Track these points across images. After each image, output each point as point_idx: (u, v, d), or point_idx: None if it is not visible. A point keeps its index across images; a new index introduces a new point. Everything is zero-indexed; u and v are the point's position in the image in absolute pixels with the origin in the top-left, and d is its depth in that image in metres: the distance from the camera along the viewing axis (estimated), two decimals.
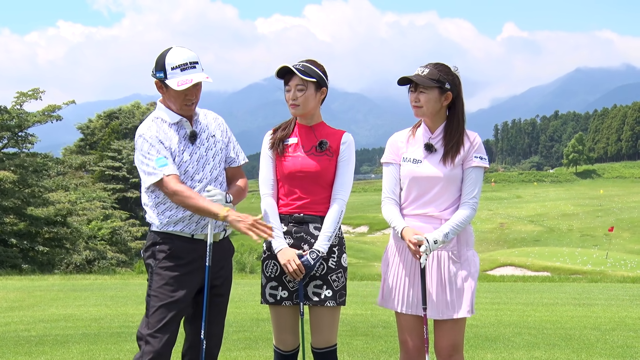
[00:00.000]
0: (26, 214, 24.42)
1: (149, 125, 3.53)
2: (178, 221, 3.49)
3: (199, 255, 3.49)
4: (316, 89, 3.63)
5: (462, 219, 3.46)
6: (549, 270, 33.89)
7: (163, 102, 3.58)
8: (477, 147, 3.54)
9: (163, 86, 3.47)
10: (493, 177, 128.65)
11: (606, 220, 66.90)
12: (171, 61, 3.40)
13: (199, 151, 3.54)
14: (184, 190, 3.41)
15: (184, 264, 3.46)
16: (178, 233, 3.49)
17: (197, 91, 3.48)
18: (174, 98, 3.47)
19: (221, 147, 3.64)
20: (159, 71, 3.44)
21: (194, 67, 3.42)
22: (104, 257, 27.76)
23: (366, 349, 6.07)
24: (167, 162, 3.45)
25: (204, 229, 3.50)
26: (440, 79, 3.48)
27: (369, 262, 41.30)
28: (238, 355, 5.85)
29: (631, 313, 8.78)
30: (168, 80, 3.40)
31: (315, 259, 3.52)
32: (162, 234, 3.51)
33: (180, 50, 3.45)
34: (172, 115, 3.53)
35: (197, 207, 3.39)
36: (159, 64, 3.44)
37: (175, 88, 3.38)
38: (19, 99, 25.58)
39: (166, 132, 3.52)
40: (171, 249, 3.47)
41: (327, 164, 3.64)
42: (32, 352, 6.00)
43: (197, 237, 3.51)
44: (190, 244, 3.49)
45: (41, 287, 12.69)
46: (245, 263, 35.43)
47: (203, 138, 3.57)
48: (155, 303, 3.38)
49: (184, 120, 3.53)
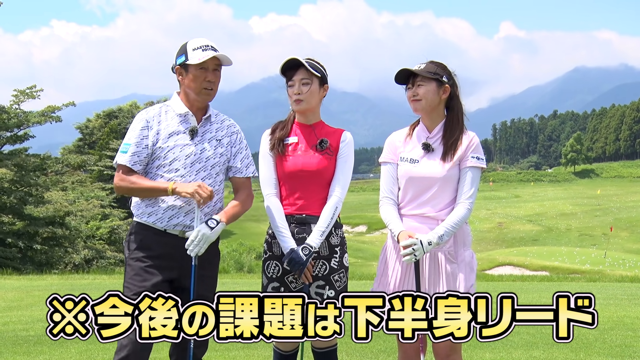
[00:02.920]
0: (24, 213, 24.40)
1: (151, 108, 3.56)
2: (152, 213, 3.46)
3: (168, 250, 3.43)
4: (320, 84, 3.64)
5: (457, 220, 3.46)
6: (548, 269, 33.91)
7: (179, 93, 3.57)
8: (475, 147, 3.54)
9: (183, 71, 3.48)
10: (491, 176, 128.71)
11: (604, 219, 66.95)
12: (192, 44, 3.47)
13: (193, 148, 3.48)
14: (125, 178, 3.42)
15: (153, 255, 3.42)
16: (151, 225, 3.46)
17: (217, 76, 3.50)
18: (194, 81, 3.46)
19: (222, 153, 3.56)
20: (179, 56, 3.49)
21: (215, 50, 3.46)
22: (103, 257, 27.73)
23: (365, 349, 6.07)
24: (128, 150, 3.45)
25: (176, 227, 3.45)
26: (438, 71, 3.50)
27: (368, 262, 41.26)
28: (237, 355, 5.85)
29: (629, 312, 8.78)
30: (189, 60, 3.42)
31: (308, 255, 3.47)
32: (138, 225, 3.50)
33: (200, 38, 3.52)
34: (181, 106, 3.53)
35: (144, 189, 3.40)
36: (180, 50, 3.50)
37: (196, 62, 3.40)
38: (17, 98, 25.53)
39: (168, 121, 3.51)
40: (142, 240, 3.45)
41: (328, 163, 3.63)
42: (31, 351, 5.99)
43: (171, 232, 3.46)
44: (161, 237, 3.45)
45: (40, 286, 12.67)
46: (243, 263, 35.45)
47: (205, 138, 3.53)
48: (126, 294, 3.28)
49: (190, 114, 3.51)
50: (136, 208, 3.53)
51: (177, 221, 3.45)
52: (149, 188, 3.40)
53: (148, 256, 3.42)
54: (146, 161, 3.48)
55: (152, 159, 3.51)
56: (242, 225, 57.34)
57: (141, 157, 3.46)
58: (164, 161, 3.46)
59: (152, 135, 3.47)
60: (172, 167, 3.46)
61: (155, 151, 3.47)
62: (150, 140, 3.47)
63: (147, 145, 3.46)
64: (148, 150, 3.47)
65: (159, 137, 3.47)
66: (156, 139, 3.47)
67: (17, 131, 25.57)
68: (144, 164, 3.48)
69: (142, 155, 3.46)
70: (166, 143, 3.46)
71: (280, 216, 3.59)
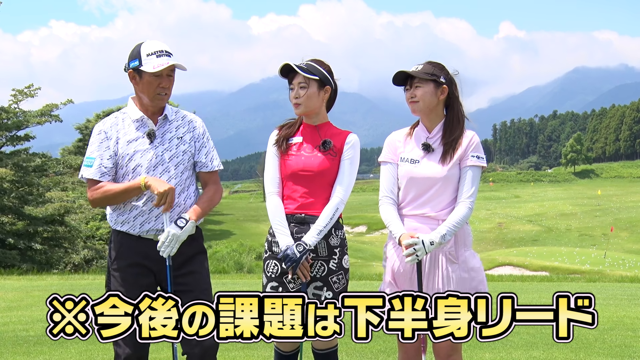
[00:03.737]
0: (24, 213, 24.40)
1: (108, 119, 3.51)
2: (124, 221, 3.45)
3: (147, 255, 3.42)
4: (319, 87, 3.63)
5: (458, 219, 3.45)
6: (548, 269, 33.89)
7: (134, 98, 3.53)
8: (475, 146, 3.54)
9: (137, 75, 3.40)
10: (491, 176, 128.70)
11: (604, 220, 66.94)
12: (146, 49, 3.37)
13: (154, 151, 3.45)
14: (97, 189, 3.39)
15: (133, 264, 3.43)
16: (125, 231, 3.45)
17: (170, 81, 3.43)
18: (147, 87, 3.39)
19: (186, 150, 3.52)
20: (132, 60, 3.40)
21: (169, 55, 3.39)
22: (102, 257, 27.71)
23: (364, 349, 6.07)
24: (93, 163, 3.41)
25: (149, 232, 3.44)
26: (435, 72, 3.50)
27: (368, 262, 41.26)
28: (237, 355, 5.85)
29: (629, 312, 8.78)
30: (143, 66, 3.34)
31: (302, 252, 3.47)
32: (115, 232, 3.50)
33: (154, 41, 3.44)
34: (136, 111, 3.48)
35: (118, 193, 3.37)
36: (133, 53, 3.41)
37: (151, 70, 3.32)
38: (15, 97, 25.53)
39: (125, 128, 3.47)
40: (121, 248, 3.45)
41: (330, 164, 3.62)
42: (31, 352, 6.00)
43: (145, 237, 3.45)
44: (137, 243, 3.44)
45: (40, 286, 12.67)
46: (243, 263, 35.43)
47: (165, 139, 3.49)
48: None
49: (145, 117, 3.47)
50: (110, 218, 3.53)
51: (149, 226, 3.44)
52: (123, 190, 3.37)
53: (128, 264, 3.43)
54: (114, 171, 3.45)
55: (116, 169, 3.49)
56: (242, 225, 57.34)
57: (108, 167, 3.43)
58: (127, 169, 3.44)
59: (112, 145, 3.44)
60: (136, 172, 3.43)
61: (118, 160, 3.45)
62: (112, 150, 3.44)
63: (110, 155, 3.43)
64: (113, 160, 3.44)
65: (119, 145, 3.44)
66: (117, 148, 3.44)
67: (17, 132, 25.57)
68: (112, 174, 3.45)
69: (108, 166, 3.43)
70: (126, 151, 3.44)
71: (280, 214, 3.60)
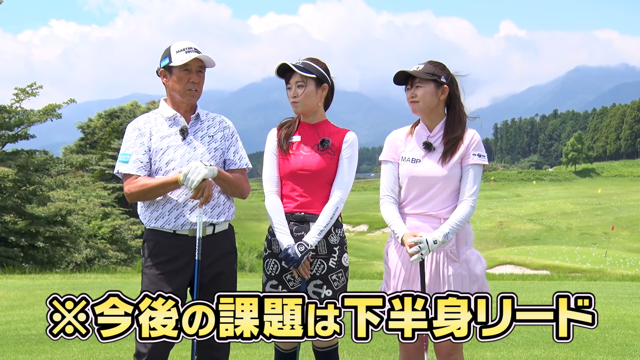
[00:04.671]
0: (26, 212, 24.40)
1: (140, 117, 3.60)
2: (159, 217, 3.48)
3: (181, 252, 3.45)
4: (316, 85, 3.64)
5: (461, 217, 3.46)
6: (548, 268, 33.90)
7: (165, 99, 3.62)
8: (476, 144, 3.54)
9: (167, 73, 3.51)
10: (492, 175, 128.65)
11: (605, 218, 66.94)
12: (176, 47, 3.51)
13: (186, 147, 3.52)
14: (134, 184, 3.44)
15: (166, 261, 3.44)
16: (160, 229, 3.48)
17: (200, 78, 3.53)
18: (178, 82, 3.49)
19: (217, 147, 3.60)
20: (163, 59, 3.53)
21: (198, 51, 3.50)
22: (105, 256, 27.75)
23: (365, 347, 6.07)
24: (129, 159, 3.48)
25: (184, 225, 3.46)
26: (436, 72, 3.50)
27: (369, 261, 41.27)
28: (238, 354, 5.85)
29: (630, 311, 8.78)
30: (173, 62, 3.46)
31: (303, 252, 3.48)
32: (149, 231, 3.54)
33: (184, 40, 3.58)
34: (169, 109, 3.57)
35: (155, 187, 3.41)
36: (164, 54, 3.54)
37: (179, 63, 3.43)
38: (17, 96, 25.55)
39: (158, 126, 3.55)
40: (155, 246, 3.47)
41: (329, 163, 3.63)
42: (33, 350, 6.01)
43: (180, 232, 3.48)
44: (172, 240, 3.47)
45: (42, 285, 12.68)
46: (244, 262, 35.44)
47: (197, 136, 3.57)
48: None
49: (178, 115, 3.55)
50: (143, 215, 3.57)
51: (183, 220, 3.47)
52: (159, 184, 3.42)
53: (161, 262, 3.45)
54: (149, 166, 3.52)
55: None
56: (243, 224, 57.35)
57: (144, 162, 3.50)
58: (160, 164, 3.50)
59: (146, 140, 3.52)
60: (169, 167, 3.49)
61: (151, 155, 3.52)
62: (146, 146, 3.51)
63: (145, 151, 3.51)
64: (148, 155, 3.51)
65: (152, 141, 3.51)
66: (150, 143, 3.52)
67: (18, 130, 25.58)
68: (148, 168, 3.51)
69: (144, 160, 3.50)
70: (159, 146, 3.51)
71: (280, 214, 3.61)
